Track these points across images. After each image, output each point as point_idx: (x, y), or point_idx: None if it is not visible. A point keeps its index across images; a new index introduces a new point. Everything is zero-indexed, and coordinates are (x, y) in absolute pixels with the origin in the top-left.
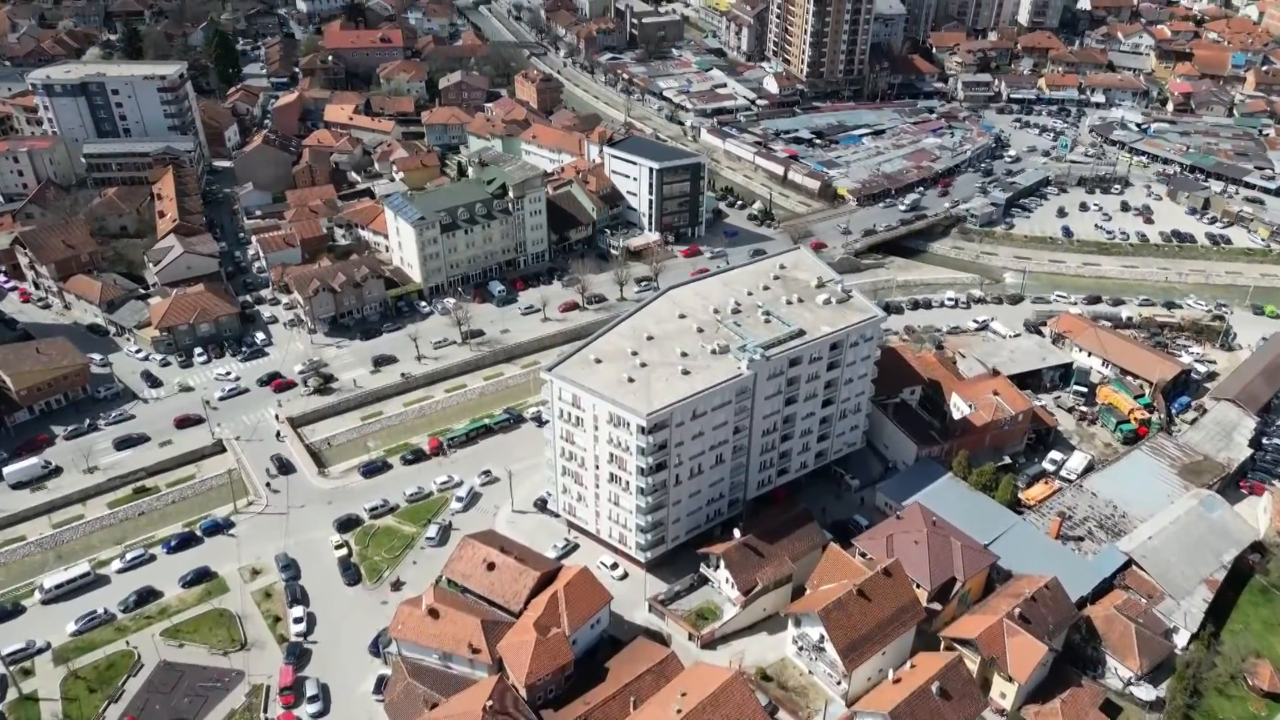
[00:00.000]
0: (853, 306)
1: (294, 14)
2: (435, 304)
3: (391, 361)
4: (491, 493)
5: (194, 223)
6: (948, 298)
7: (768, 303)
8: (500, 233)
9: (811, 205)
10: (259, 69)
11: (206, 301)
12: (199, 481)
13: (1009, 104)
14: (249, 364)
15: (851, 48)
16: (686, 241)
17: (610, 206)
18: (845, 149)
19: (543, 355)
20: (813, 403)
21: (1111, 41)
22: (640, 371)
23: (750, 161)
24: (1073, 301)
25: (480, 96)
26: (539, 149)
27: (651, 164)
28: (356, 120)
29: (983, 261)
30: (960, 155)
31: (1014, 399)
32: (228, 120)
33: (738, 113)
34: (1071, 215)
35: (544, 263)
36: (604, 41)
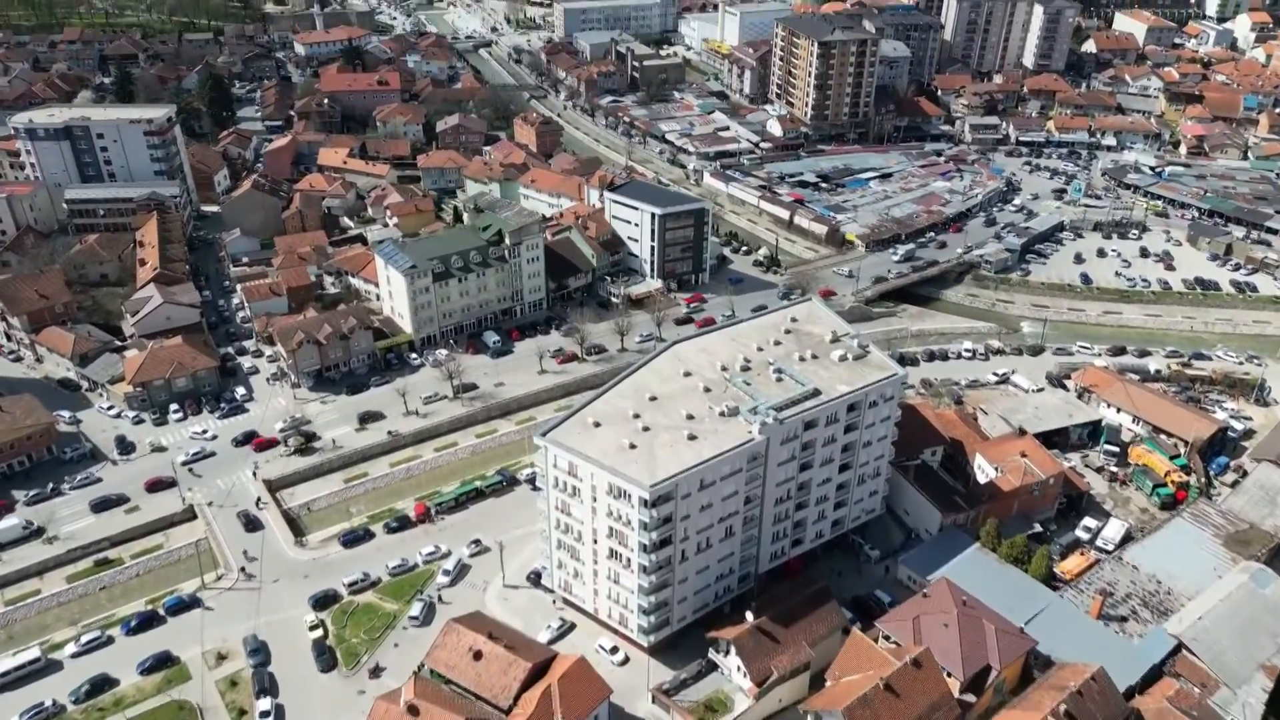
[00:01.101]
0: (870, 363)
1: (292, 57)
2: (427, 356)
3: (379, 418)
4: (481, 565)
5: (176, 271)
6: (965, 349)
7: (779, 359)
8: (496, 281)
9: (819, 251)
10: (255, 112)
11: (184, 355)
12: (166, 552)
13: (1018, 147)
14: (227, 421)
15: (856, 90)
16: (690, 289)
17: (610, 253)
18: (852, 193)
19: (539, 410)
20: (829, 468)
21: (1119, 84)
22: (643, 436)
23: (755, 205)
24: (1096, 353)
25: (478, 140)
26: (538, 193)
27: (653, 209)
28: (351, 164)
29: (999, 310)
30: (971, 199)
31: (1043, 461)
32: (218, 164)
33: (741, 156)
34: (1090, 261)
35: (541, 311)
36: (605, 84)
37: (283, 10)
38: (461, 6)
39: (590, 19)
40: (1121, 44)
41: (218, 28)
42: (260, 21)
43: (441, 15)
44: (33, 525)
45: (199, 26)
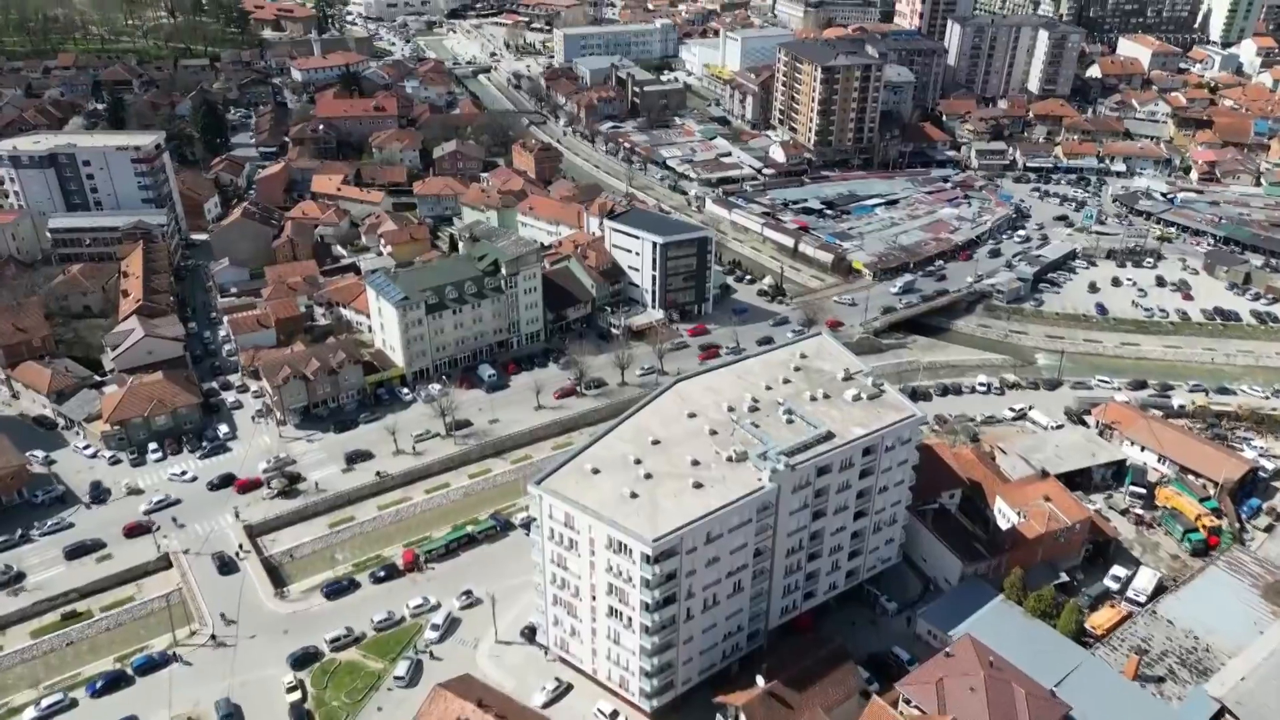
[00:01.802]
0: (886, 403)
1: (288, 83)
2: (418, 391)
3: (367, 457)
4: (472, 618)
5: (160, 303)
6: (979, 383)
7: (789, 399)
8: (491, 312)
9: (825, 280)
10: (249, 138)
11: (164, 391)
12: (139, 604)
13: (1025, 172)
14: (208, 461)
15: (861, 116)
16: (693, 320)
17: (611, 283)
18: (858, 220)
19: (535, 448)
20: (843, 515)
21: (1126, 109)
22: (645, 485)
23: (758, 233)
24: (1116, 387)
25: (476, 166)
26: (536, 221)
27: (655, 238)
28: (345, 191)
29: (1012, 341)
30: (980, 226)
31: (1069, 506)
32: (209, 191)
33: (744, 182)
34: (1105, 291)
35: (539, 343)
36: (605, 110)
37: (281, 36)
38: (461, 32)
39: (590, 44)
40: (1127, 69)
41: (214, 54)
42: (257, 48)
43: (441, 41)
44: (13, 569)
45: (195, 53)
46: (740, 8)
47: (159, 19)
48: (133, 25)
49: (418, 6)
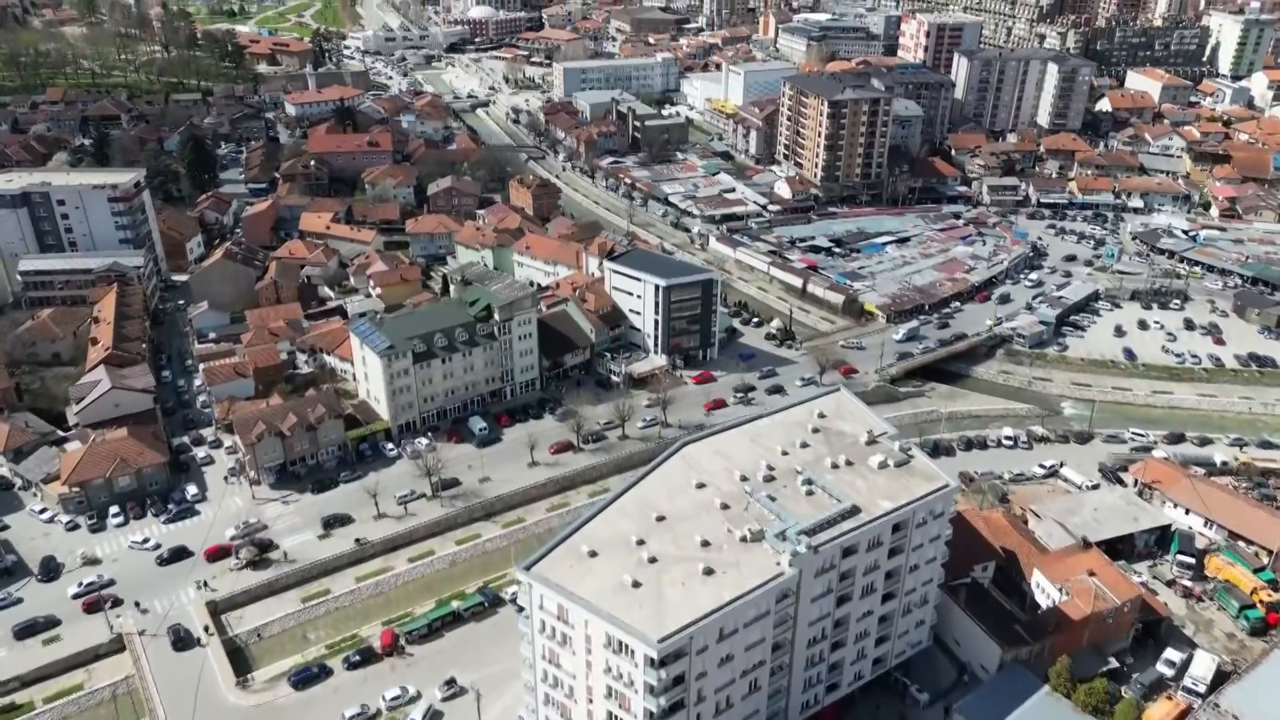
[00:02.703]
0: (915, 471)
1: (282, 118)
2: (404, 446)
3: (346, 522)
4: (456, 712)
5: (132, 350)
6: (1005, 436)
7: (808, 467)
8: (484, 361)
9: (835, 322)
10: (240, 174)
11: (129, 449)
12: (86, 694)
13: (1039, 209)
14: (173, 526)
15: (869, 151)
16: (697, 366)
17: (610, 327)
18: (868, 258)
19: (529, 510)
20: (870, 599)
21: (1139, 143)
22: (648, 571)
23: (764, 272)
24: (1152, 441)
25: (472, 203)
26: (532, 260)
27: (657, 280)
28: (334, 229)
29: (1036, 389)
30: (996, 265)
31: (1116, 581)
32: (192, 230)
33: (748, 219)
34: (1131, 334)
35: (534, 393)
36: (605, 144)
37: (276, 71)
38: (460, 67)
39: (590, 79)
40: (1137, 102)
41: (207, 88)
42: (251, 82)
43: (439, 75)
44: None
45: (188, 87)
46: (742, 42)
47: (153, 53)
48: (125, 60)
49: (416, 41)
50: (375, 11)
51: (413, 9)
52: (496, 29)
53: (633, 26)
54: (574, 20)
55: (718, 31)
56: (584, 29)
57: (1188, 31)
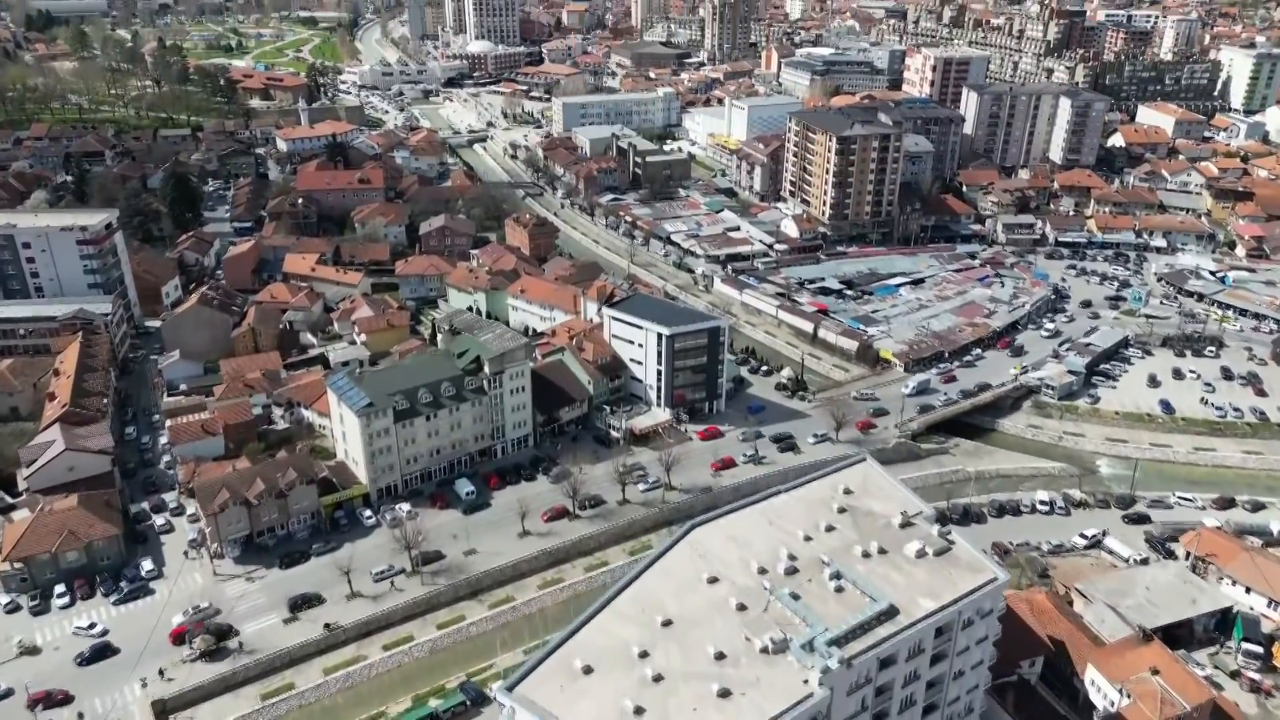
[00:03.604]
0: (958, 561)
1: (273, 153)
2: (383, 513)
3: (315, 602)
4: None
5: (93, 406)
6: (1040, 501)
7: (836, 555)
8: (472, 417)
9: (849, 370)
10: (226, 212)
11: (78, 521)
12: None
13: (1058, 248)
14: (125, 608)
15: (879, 188)
16: (703, 420)
17: (610, 378)
18: (881, 301)
19: (518, 587)
20: (910, 714)
21: (1157, 179)
22: (652, 693)
23: (773, 316)
24: (1200, 506)
25: (466, 243)
26: (528, 305)
27: (660, 329)
28: (319, 271)
29: (1068, 445)
30: (1018, 309)
31: (1183, 682)
32: (169, 273)
33: (754, 259)
34: (1166, 384)
35: (527, 450)
36: (605, 181)
37: (269, 105)
38: (458, 101)
39: (590, 114)
40: (1151, 137)
41: (197, 124)
42: (243, 117)
43: (437, 110)
44: None
45: (177, 122)
46: (744, 76)
47: (144, 88)
48: (115, 95)
49: (414, 75)
50: (374, 47)
51: (412, 44)
52: (496, 64)
53: (633, 61)
54: (574, 55)
55: (719, 66)
56: (584, 64)
57: (1198, 66)
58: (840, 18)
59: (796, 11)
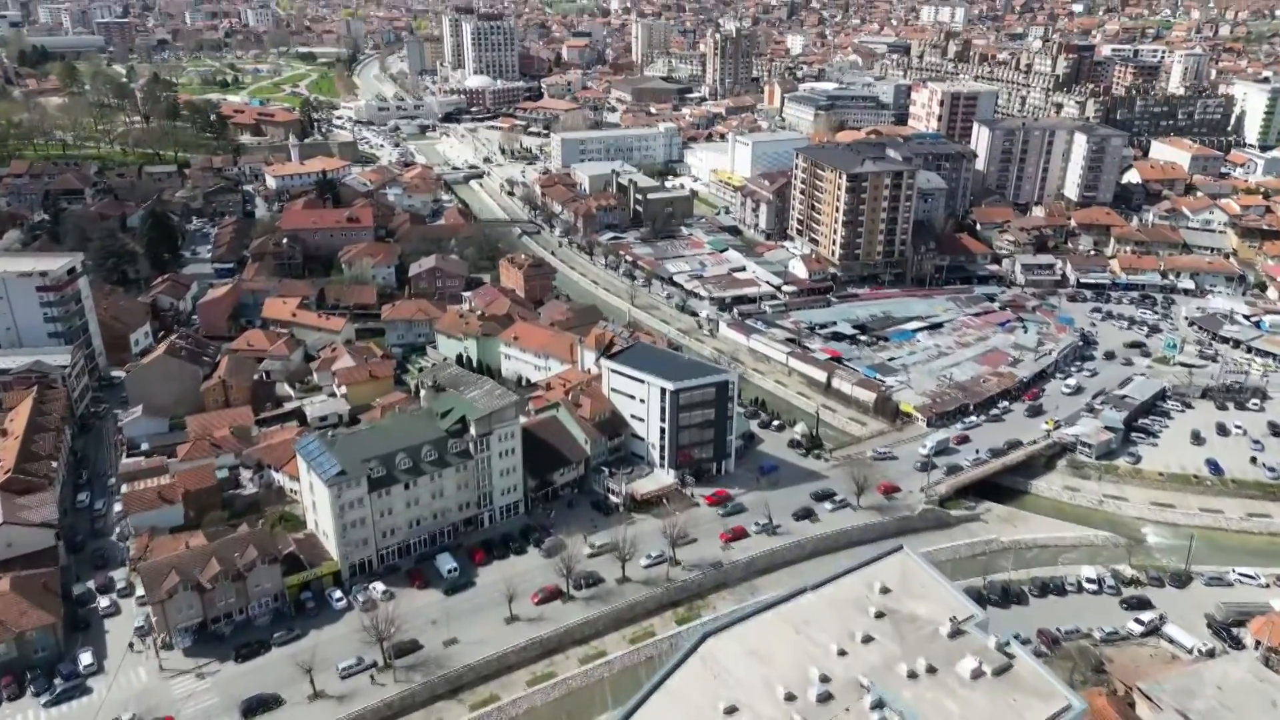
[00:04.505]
0: (1021, 683)
1: (262, 190)
2: (355, 594)
3: (272, 705)
4: None
5: (40, 471)
6: (1086, 578)
7: (875, 674)
8: (456, 483)
9: (867, 424)
10: (209, 253)
11: (9, 608)
12: None
13: (1080, 290)
14: (59, 710)
15: (891, 227)
16: (711, 482)
17: (609, 437)
18: (898, 347)
19: (504, 683)
20: None
21: (1178, 217)
22: None
23: (783, 364)
24: (1263, 583)
25: (458, 285)
26: (521, 353)
27: (664, 383)
28: (300, 316)
29: (1109, 510)
30: (1044, 356)
31: None
32: (139, 319)
33: (761, 301)
34: (1210, 441)
35: (517, 519)
36: (605, 219)
37: (260, 141)
38: (455, 136)
39: (589, 149)
40: (1168, 173)
41: (184, 160)
42: (232, 153)
43: (433, 145)
44: None
45: (164, 159)
46: (747, 111)
47: (131, 123)
48: (102, 130)
49: (410, 110)
50: (373, 82)
51: (410, 79)
52: (494, 98)
53: (634, 96)
54: (574, 90)
55: (721, 101)
56: (584, 98)
57: (1211, 101)
58: (842, 53)
59: (798, 47)
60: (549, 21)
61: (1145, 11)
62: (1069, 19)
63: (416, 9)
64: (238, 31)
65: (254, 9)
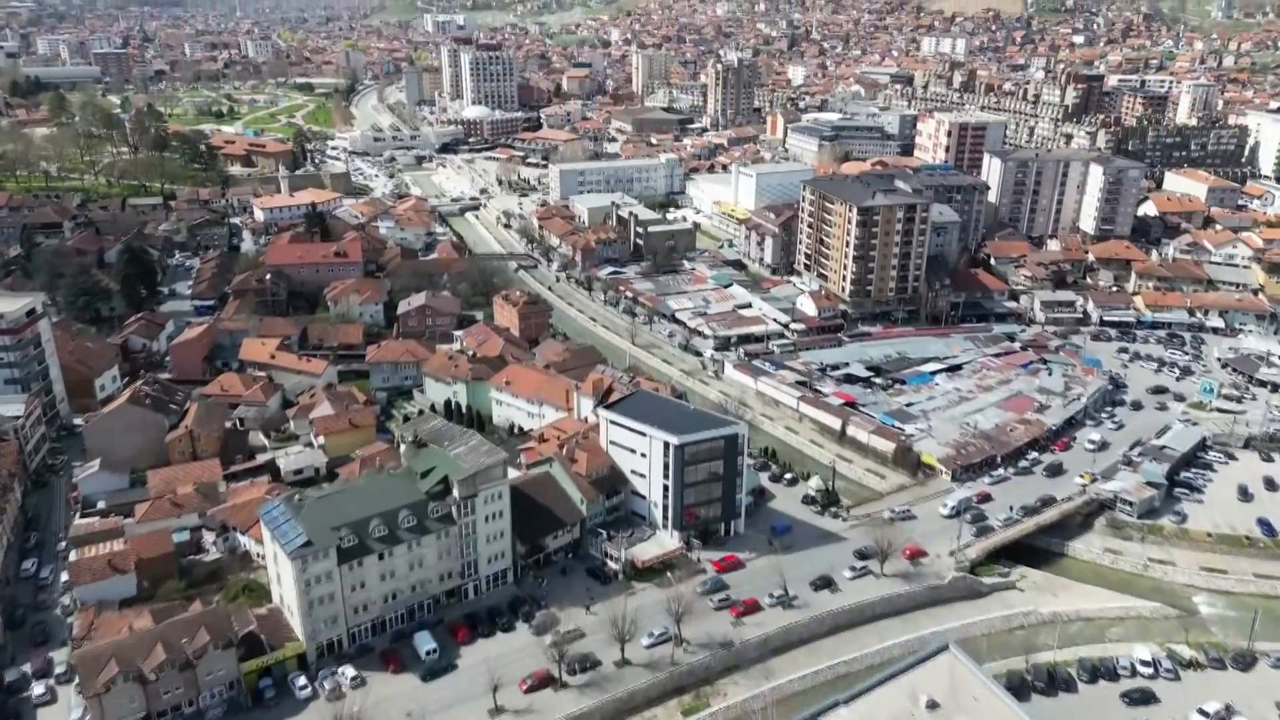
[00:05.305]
0: None
1: (249, 223)
2: (320, 681)
3: None
4: None
5: None
6: (1140, 660)
7: None
8: (438, 551)
9: (886, 477)
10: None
11: None
12: None
13: (1103, 328)
14: None
15: (904, 262)
16: (719, 545)
17: (607, 495)
18: (915, 391)
19: None
20: None
21: (1200, 251)
22: None
23: (794, 409)
24: None
25: (449, 323)
26: (513, 399)
27: (668, 437)
28: (279, 359)
29: (1155, 575)
30: (1073, 402)
31: None
32: (106, 361)
33: (768, 339)
34: (1259, 498)
35: (505, 588)
36: (604, 253)
37: (250, 172)
38: (451, 168)
39: (589, 181)
40: (1185, 205)
41: (170, 192)
42: (220, 185)
43: (429, 176)
44: None
45: (151, 190)
46: (749, 142)
47: (118, 154)
48: (88, 161)
49: (406, 141)
50: (370, 112)
51: (408, 109)
52: (492, 129)
53: (634, 126)
54: (573, 120)
55: (723, 131)
56: (583, 129)
57: (1225, 131)
58: (844, 83)
59: (799, 77)
60: (549, 52)
61: (1147, 43)
62: (1070, 50)
63: (417, 40)
64: (236, 63)
65: (254, 41)
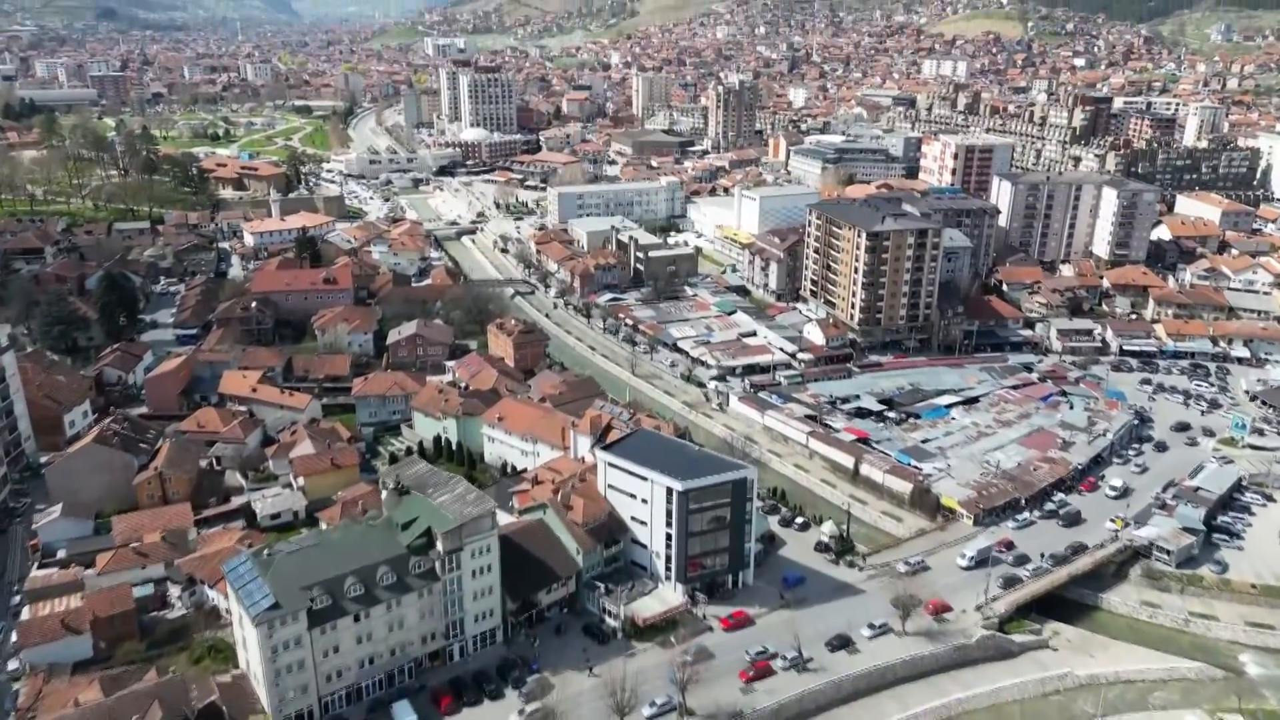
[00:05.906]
0: None
1: (239, 248)
2: None
3: None
4: None
5: None
6: None
7: None
8: (420, 611)
9: (903, 520)
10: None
11: None
12: None
13: (1123, 358)
14: None
15: (915, 288)
16: (727, 599)
17: (605, 544)
18: (931, 426)
19: None
20: None
21: (1218, 277)
22: None
23: (803, 445)
24: None
25: (441, 353)
26: (506, 436)
27: (671, 482)
28: (261, 392)
29: (1195, 630)
30: (1099, 439)
31: None
32: (77, 396)
33: (775, 370)
34: None
35: (494, 648)
36: (603, 278)
37: (241, 196)
38: (449, 190)
39: (588, 204)
40: (1199, 230)
41: (158, 215)
42: (210, 209)
43: (426, 200)
44: None
45: (139, 214)
46: (751, 164)
47: (107, 177)
48: (76, 184)
49: (403, 164)
50: (368, 135)
51: (405, 131)
52: (490, 151)
53: (634, 149)
54: (573, 143)
55: (724, 154)
56: (583, 151)
57: (1236, 154)
58: (846, 106)
59: (800, 100)
60: (549, 75)
61: (1148, 65)
62: (1071, 72)
63: (418, 63)
64: (235, 85)
65: (254, 64)
